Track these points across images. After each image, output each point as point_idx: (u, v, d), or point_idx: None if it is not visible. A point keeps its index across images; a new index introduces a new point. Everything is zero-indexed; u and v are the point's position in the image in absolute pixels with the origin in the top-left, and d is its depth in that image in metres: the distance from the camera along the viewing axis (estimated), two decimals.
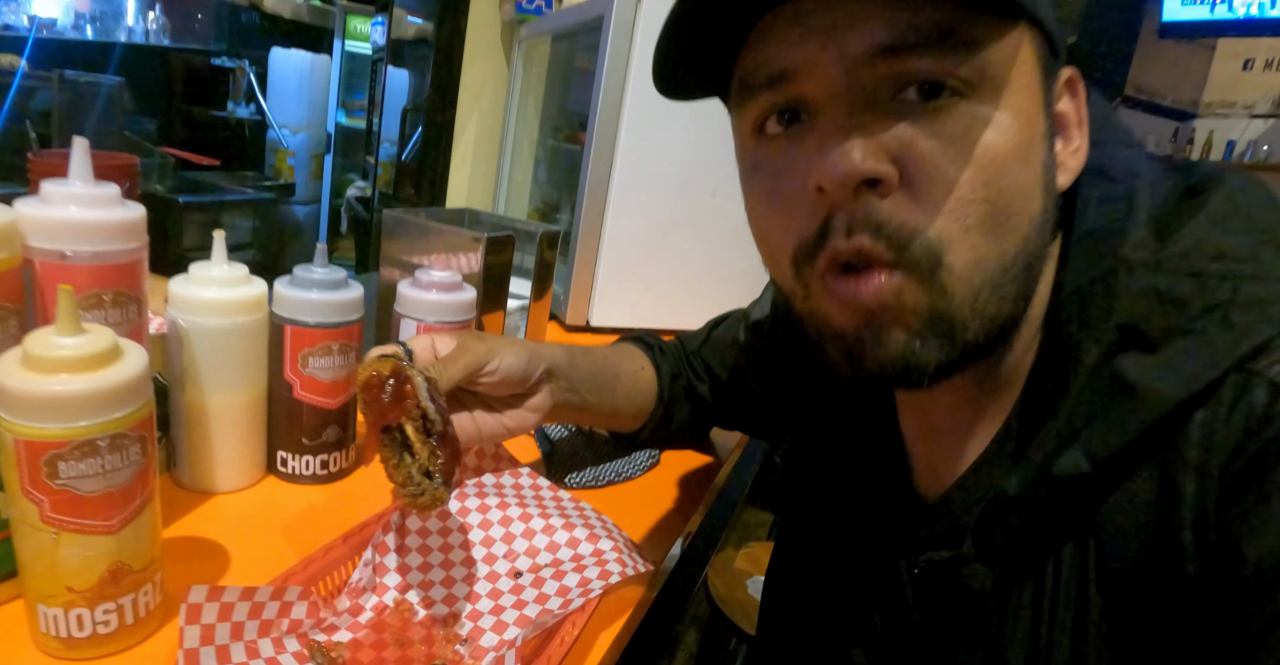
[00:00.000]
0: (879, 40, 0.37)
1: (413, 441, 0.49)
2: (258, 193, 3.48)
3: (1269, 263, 0.39)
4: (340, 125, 4.14)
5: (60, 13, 3.58)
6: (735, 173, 0.51)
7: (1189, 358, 0.37)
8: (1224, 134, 4.92)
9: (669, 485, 0.84)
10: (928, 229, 0.39)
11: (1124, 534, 0.39)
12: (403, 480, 0.50)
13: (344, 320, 0.69)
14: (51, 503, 0.44)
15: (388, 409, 0.49)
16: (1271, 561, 0.34)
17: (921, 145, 0.38)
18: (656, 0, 1.25)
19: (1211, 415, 0.37)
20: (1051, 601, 0.42)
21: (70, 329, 0.44)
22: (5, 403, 0.43)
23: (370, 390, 0.50)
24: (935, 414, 0.51)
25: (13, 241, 0.48)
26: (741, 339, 0.78)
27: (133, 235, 0.56)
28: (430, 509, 0.51)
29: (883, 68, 0.38)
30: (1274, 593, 0.34)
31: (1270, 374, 0.36)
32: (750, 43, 0.42)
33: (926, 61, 0.37)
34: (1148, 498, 0.38)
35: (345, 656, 0.51)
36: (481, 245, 0.86)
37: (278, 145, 4.00)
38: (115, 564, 0.47)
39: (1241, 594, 0.35)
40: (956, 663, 0.48)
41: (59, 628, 0.47)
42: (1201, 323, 0.38)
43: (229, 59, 4.00)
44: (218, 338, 0.64)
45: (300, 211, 3.99)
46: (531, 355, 0.63)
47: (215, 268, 0.65)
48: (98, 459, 0.44)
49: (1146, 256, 0.41)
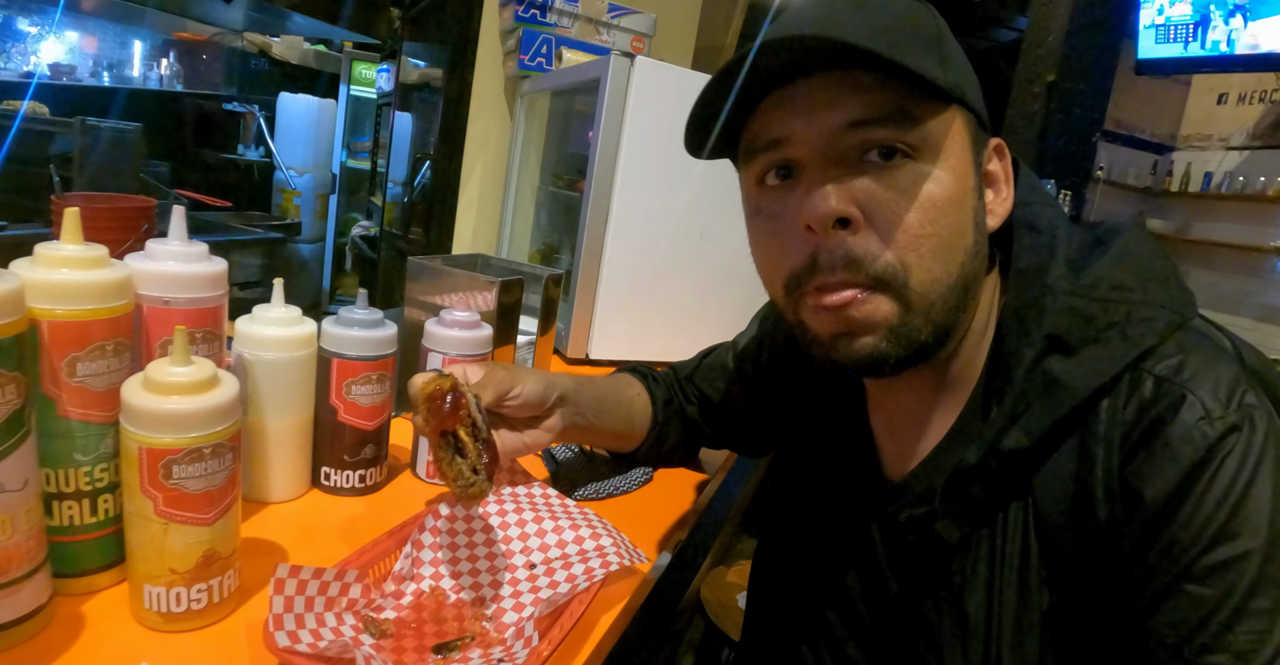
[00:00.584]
0: (849, 116, 0.51)
1: (465, 443, 0.62)
2: (265, 232, 3.61)
3: (1153, 293, 0.53)
4: (344, 166, 4.29)
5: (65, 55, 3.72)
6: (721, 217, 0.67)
7: (1097, 360, 0.51)
8: (1201, 166, 5.06)
9: (662, 498, 0.95)
10: (891, 257, 0.52)
11: (1053, 493, 0.52)
12: (455, 475, 0.62)
13: (381, 354, 0.80)
14: (164, 498, 0.55)
15: (446, 417, 0.62)
16: (1162, 498, 0.47)
17: (881, 194, 0.51)
18: (647, 65, 1.39)
19: (1114, 401, 0.51)
20: (1002, 553, 0.54)
21: (183, 360, 0.56)
22: (131, 417, 0.55)
23: (433, 401, 0.62)
24: (900, 412, 0.64)
25: (128, 291, 0.60)
26: (730, 365, 0.91)
27: (217, 285, 0.68)
28: (477, 499, 0.64)
29: (851, 137, 0.51)
30: (1167, 519, 0.47)
31: (1155, 371, 0.50)
32: (755, 117, 0.56)
33: (884, 131, 0.51)
34: (1070, 465, 0.52)
35: (392, 630, 0.62)
36: (495, 288, 0.98)
37: (284, 186, 4.14)
38: (209, 550, 0.58)
39: (1143, 525, 0.48)
40: (923, 611, 0.59)
41: (161, 604, 0.58)
42: (1106, 334, 0.51)
43: (239, 104, 4.17)
44: (275, 369, 0.76)
45: (306, 250, 4.12)
46: (548, 383, 0.75)
47: (274, 309, 0.76)
48: (202, 463, 0.56)
49: (1066, 286, 0.54)
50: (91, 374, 0.57)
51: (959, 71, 0.53)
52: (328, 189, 4.26)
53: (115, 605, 0.61)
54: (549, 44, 1.88)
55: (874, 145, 0.51)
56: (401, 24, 2.92)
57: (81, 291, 0.56)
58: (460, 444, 0.63)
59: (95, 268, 0.57)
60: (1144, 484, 0.48)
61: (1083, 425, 0.52)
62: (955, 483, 0.55)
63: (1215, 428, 0.47)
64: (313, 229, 4.16)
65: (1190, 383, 0.49)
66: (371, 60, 4.14)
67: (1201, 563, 0.46)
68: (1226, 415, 0.47)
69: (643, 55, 1.41)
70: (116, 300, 0.58)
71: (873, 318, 0.53)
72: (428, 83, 2.44)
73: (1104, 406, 0.51)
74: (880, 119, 0.51)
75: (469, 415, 0.63)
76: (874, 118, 0.51)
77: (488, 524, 0.72)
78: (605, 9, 1.93)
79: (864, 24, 0.49)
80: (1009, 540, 0.54)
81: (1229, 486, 0.46)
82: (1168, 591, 0.47)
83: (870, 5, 0.53)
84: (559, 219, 1.90)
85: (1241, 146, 4.94)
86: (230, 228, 3.46)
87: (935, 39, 0.52)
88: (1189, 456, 0.47)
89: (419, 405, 0.63)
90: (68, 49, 3.88)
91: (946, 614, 0.57)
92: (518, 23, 1.86)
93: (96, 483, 0.60)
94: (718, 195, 1.49)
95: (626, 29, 1.96)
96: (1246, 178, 4.77)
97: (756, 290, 0.63)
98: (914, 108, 0.51)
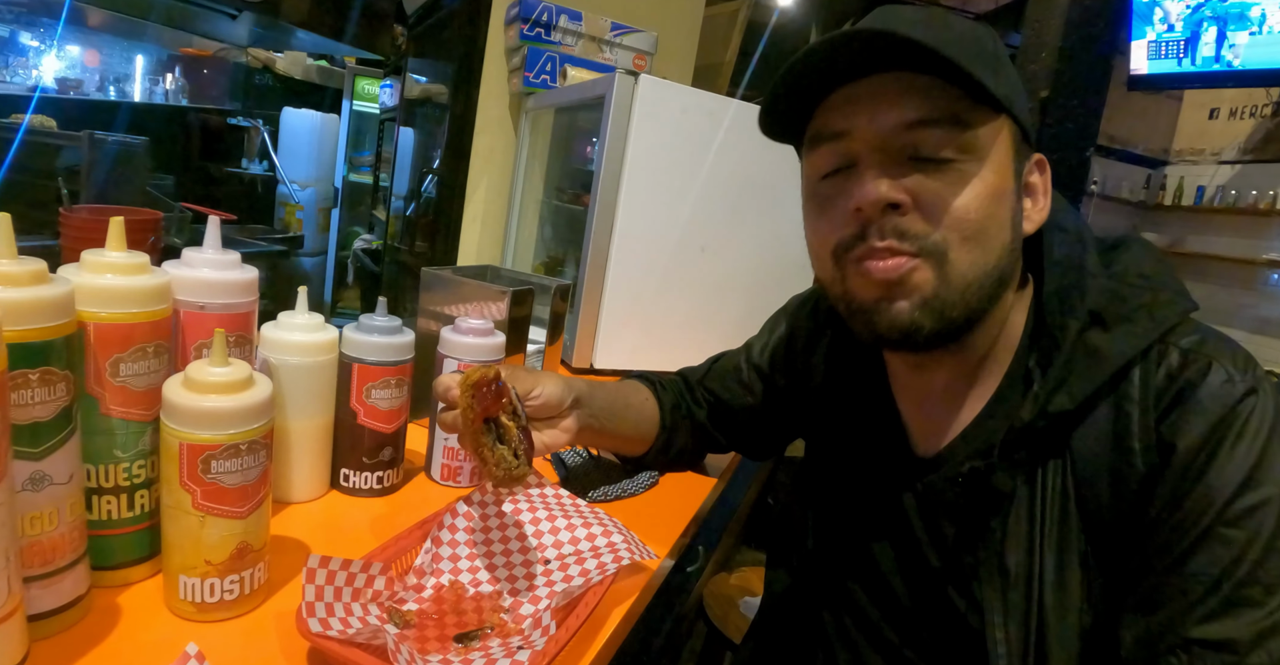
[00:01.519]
0: (908, 116, 0.57)
1: (508, 427, 0.67)
2: (268, 245, 3.64)
3: (1170, 284, 0.62)
4: (346, 180, 4.33)
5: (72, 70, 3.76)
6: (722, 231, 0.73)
7: (1130, 334, 0.58)
8: (1194, 180, 5.12)
9: (666, 501, 0.98)
10: (935, 235, 0.58)
11: (1090, 450, 0.59)
12: (498, 460, 0.66)
13: (400, 359, 0.84)
14: (202, 492, 0.58)
15: (491, 403, 0.66)
16: (1194, 449, 0.54)
17: (929, 185, 0.57)
18: (651, 83, 1.43)
19: (1145, 368, 0.58)
20: (1041, 506, 0.60)
21: (221, 361, 0.59)
22: (172, 414, 0.58)
23: (480, 387, 0.66)
24: (930, 392, 0.70)
25: (167, 296, 0.63)
26: (744, 367, 0.95)
27: (249, 291, 0.72)
28: (519, 482, 0.68)
29: (907, 135, 0.57)
30: (1200, 469, 0.54)
31: (1179, 344, 0.58)
32: (819, 111, 0.62)
33: (936, 133, 0.57)
34: (1106, 425, 0.59)
35: (415, 621, 0.65)
36: (507, 297, 1.01)
37: (287, 199, 4.16)
38: (242, 543, 0.61)
39: (1178, 474, 0.55)
40: (962, 568, 0.64)
41: (196, 594, 0.61)
42: (1135, 314, 0.59)
43: (244, 118, 4.21)
44: (299, 373, 0.79)
45: (308, 263, 4.15)
46: (566, 385, 0.78)
47: (299, 316, 0.80)
48: (239, 459, 0.59)
49: (1100, 272, 0.62)
50: (133, 374, 0.60)
51: (1011, 86, 0.58)
52: (330, 203, 4.29)
53: (150, 597, 0.64)
54: (553, 62, 1.92)
55: (927, 144, 0.57)
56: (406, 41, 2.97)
57: (126, 296, 0.59)
58: (502, 430, 0.66)
59: (138, 274, 0.60)
60: (1178, 437, 0.55)
61: (1117, 391, 0.59)
62: (1010, 439, 0.61)
63: (1238, 389, 0.55)
64: (315, 242, 4.19)
65: (1212, 353, 0.57)
66: (375, 76, 4.19)
67: (1233, 508, 0.53)
68: (1245, 380, 0.55)
69: (645, 73, 1.45)
70: (157, 305, 0.61)
71: (911, 282, 0.58)
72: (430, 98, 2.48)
73: (1136, 373, 0.58)
74: (936, 120, 0.56)
75: (510, 402, 0.67)
76: (931, 118, 0.56)
77: (504, 522, 0.75)
78: (608, 28, 1.97)
79: (932, 34, 0.54)
80: (1048, 494, 0.60)
81: (1252, 441, 0.53)
82: (1205, 534, 0.53)
83: (937, 22, 0.58)
84: (563, 232, 1.94)
85: (1233, 160, 5.00)
86: (234, 240, 3.49)
87: (993, 55, 0.58)
88: (1217, 412, 0.54)
89: (462, 393, 0.66)
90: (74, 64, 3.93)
91: (987, 567, 0.62)
92: (523, 41, 1.91)
93: (134, 479, 0.63)
94: (719, 210, 1.53)
95: (629, 47, 2.01)
96: (1238, 191, 4.82)
97: (756, 303, 0.69)
98: (967, 113, 0.57)
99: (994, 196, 0.58)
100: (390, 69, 3.76)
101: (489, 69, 2.05)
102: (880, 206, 0.57)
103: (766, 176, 1.54)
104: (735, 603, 1.56)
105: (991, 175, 0.58)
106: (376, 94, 4.21)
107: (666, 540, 0.87)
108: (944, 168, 0.57)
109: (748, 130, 1.52)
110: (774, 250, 1.61)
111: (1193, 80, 3.90)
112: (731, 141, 1.50)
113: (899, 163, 0.58)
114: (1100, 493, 0.58)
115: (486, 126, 2.06)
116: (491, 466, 0.66)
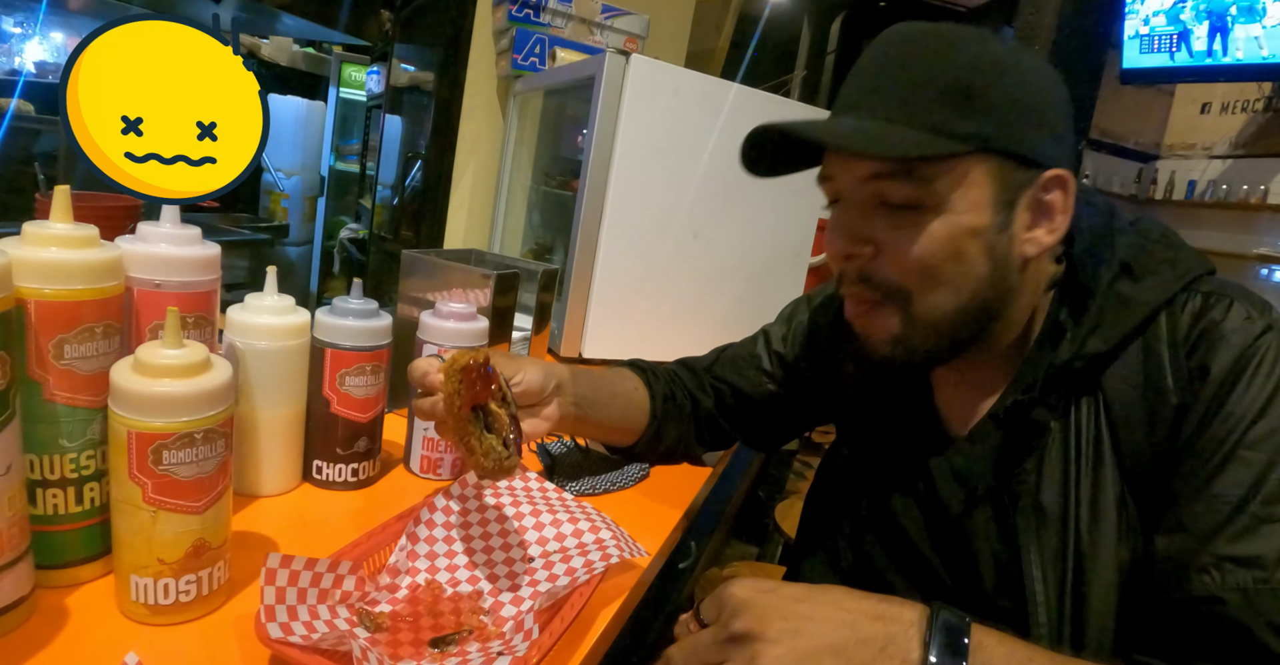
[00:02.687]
0: (867, 171, 0.61)
1: (497, 415, 0.62)
2: (253, 234, 3.58)
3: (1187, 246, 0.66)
4: (333, 169, 4.26)
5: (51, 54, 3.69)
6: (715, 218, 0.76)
7: (1157, 284, 0.62)
8: (1185, 174, 5.13)
9: (657, 495, 0.94)
10: (898, 280, 0.62)
11: (1123, 389, 0.62)
12: (487, 450, 0.61)
13: (376, 344, 0.79)
14: (154, 485, 0.54)
15: (480, 390, 0.62)
16: (1222, 375, 0.57)
17: (893, 233, 0.61)
18: (643, 63, 1.38)
19: (1171, 313, 0.61)
20: (1076, 445, 0.63)
21: (175, 343, 0.54)
22: (120, 401, 0.53)
23: (468, 372, 0.61)
24: (965, 379, 0.72)
25: (117, 273, 0.58)
26: (762, 354, 0.93)
27: (210, 269, 0.67)
28: (509, 474, 0.63)
29: (870, 185, 0.62)
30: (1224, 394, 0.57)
31: (1201, 290, 0.62)
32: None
33: (894, 185, 0.60)
34: (1137, 366, 0.62)
35: (387, 624, 0.60)
36: (491, 281, 0.97)
37: (272, 188, 4.10)
38: (199, 540, 0.56)
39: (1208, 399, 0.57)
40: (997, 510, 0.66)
41: (148, 595, 0.56)
42: (1161, 267, 0.63)
43: None
44: (267, 358, 0.74)
45: (293, 252, 4.09)
46: (547, 371, 0.74)
47: (267, 298, 0.75)
48: (193, 449, 0.54)
49: (1128, 229, 0.66)
50: (80, 357, 0.55)
51: (989, 118, 0.59)
52: (316, 191, 4.23)
53: (100, 598, 0.59)
54: (542, 44, 1.87)
55: (888, 194, 0.61)
56: (393, 26, 2.91)
57: (71, 271, 0.54)
58: (490, 418, 0.62)
59: (85, 247, 0.56)
60: (1211, 361, 0.58)
61: (1146, 333, 0.62)
62: (1050, 378, 0.63)
63: (1258, 325, 0.58)
64: (300, 231, 4.13)
65: (1233, 294, 0.61)
66: (361, 63, 4.12)
67: (1251, 433, 0.55)
68: (1264, 318, 0.59)
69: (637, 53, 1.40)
70: (106, 281, 0.56)
71: (880, 328, 0.65)
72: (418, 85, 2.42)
73: (1163, 318, 0.61)
74: (891, 173, 0.60)
75: (500, 388, 0.62)
76: (885, 172, 0.60)
77: (485, 517, 0.70)
78: (599, 9, 1.92)
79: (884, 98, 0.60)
80: (1083, 434, 0.63)
81: (1269, 372, 0.56)
82: (1228, 457, 0.56)
83: (909, 60, 0.60)
84: (551, 218, 1.89)
85: (1224, 155, 5.01)
86: (217, 229, 3.43)
87: (963, 91, 0.58)
88: (1239, 343, 0.57)
89: (448, 378, 0.62)
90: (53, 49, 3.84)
91: (1024, 507, 0.64)
92: (511, 22, 1.85)
93: (83, 470, 0.58)
94: (712, 196, 1.48)
95: (620, 30, 1.96)
96: (1229, 186, 4.82)
97: (749, 291, 0.67)
98: (920, 167, 0.59)
99: (960, 237, 0.60)
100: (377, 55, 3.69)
101: (476, 51, 2.00)
102: (840, 260, 0.65)
103: None
104: None
105: (959, 217, 0.60)
106: (363, 81, 4.14)
107: (658, 536, 0.83)
108: (906, 214, 0.61)
109: (743, 114, 1.48)
110: (768, 238, 1.57)
111: (1185, 74, 3.89)
112: (726, 125, 1.46)
113: (871, 207, 0.62)
114: (1135, 432, 0.60)
115: (473, 111, 2.01)
116: (479, 457, 0.62)
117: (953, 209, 0.60)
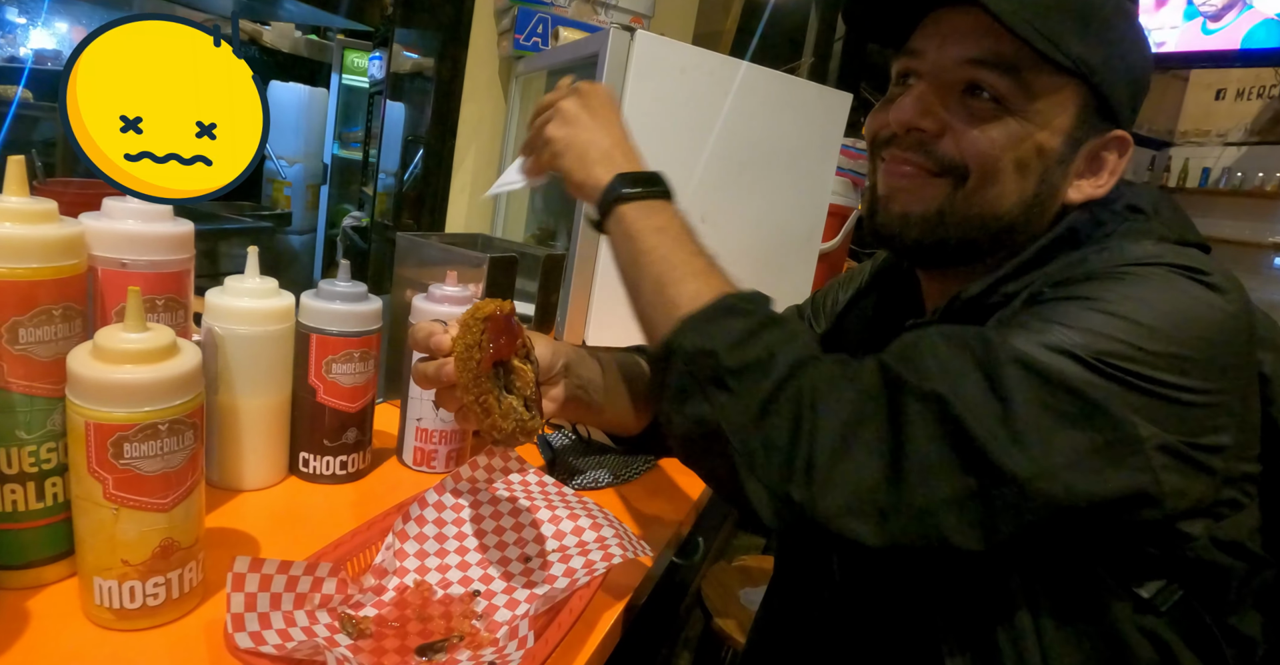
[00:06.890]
0: (969, 54, 0.59)
1: (521, 371, 0.57)
2: (255, 222, 3.54)
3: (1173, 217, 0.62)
4: (336, 157, 4.22)
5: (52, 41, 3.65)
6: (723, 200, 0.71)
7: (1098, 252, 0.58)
8: (1199, 162, 5.06)
9: (664, 488, 0.90)
10: (958, 156, 0.60)
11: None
12: (507, 411, 0.55)
13: (365, 329, 0.74)
14: (115, 481, 0.49)
15: (503, 345, 0.55)
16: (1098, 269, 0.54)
17: (965, 120, 0.59)
18: (648, 39, 1.33)
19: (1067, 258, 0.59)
20: None
21: (137, 326, 0.50)
22: (78, 389, 0.49)
23: (494, 321, 0.55)
24: None
25: (80, 251, 0.54)
26: None
27: (182, 247, 0.62)
28: (531, 437, 0.58)
29: (963, 70, 0.59)
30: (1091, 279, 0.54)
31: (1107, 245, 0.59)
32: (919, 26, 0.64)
33: (990, 75, 0.58)
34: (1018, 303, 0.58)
35: (371, 630, 0.56)
36: (485, 264, 0.92)
37: (275, 176, 4.06)
38: (167, 540, 0.52)
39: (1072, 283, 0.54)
40: None
41: (113, 599, 0.52)
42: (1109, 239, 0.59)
43: None
44: (249, 345, 0.70)
45: (296, 240, 4.04)
46: (555, 349, 0.69)
47: (248, 281, 0.70)
48: (158, 442, 0.50)
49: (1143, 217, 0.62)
50: (36, 341, 0.51)
51: (1099, 51, 0.57)
52: (319, 179, 4.18)
53: (66, 600, 0.55)
54: (545, 23, 1.81)
55: (980, 82, 0.59)
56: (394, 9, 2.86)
57: (24, 248, 0.50)
58: (512, 376, 0.56)
59: (41, 222, 0.51)
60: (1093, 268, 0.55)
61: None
62: (951, 308, 0.62)
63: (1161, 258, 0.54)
64: (304, 220, 4.09)
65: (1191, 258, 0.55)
66: (364, 49, 4.06)
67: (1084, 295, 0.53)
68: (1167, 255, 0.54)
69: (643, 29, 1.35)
70: (65, 259, 0.52)
71: (923, 200, 0.62)
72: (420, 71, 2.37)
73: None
74: (992, 63, 0.58)
75: (525, 344, 0.57)
76: (988, 60, 0.58)
77: (479, 514, 0.66)
78: None
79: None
80: None
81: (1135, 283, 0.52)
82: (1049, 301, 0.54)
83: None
84: (555, 203, 1.84)
85: (1239, 142, 4.94)
86: (219, 217, 3.39)
87: (1087, 15, 0.57)
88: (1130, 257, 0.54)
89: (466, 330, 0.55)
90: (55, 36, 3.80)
91: None
92: (513, 1, 1.80)
93: (44, 464, 0.54)
94: (720, 178, 1.43)
95: (625, 9, 1.90)
96: (1244, 174, 4.75)
97: (758, 276, 0.61)
98: (1025, 65, 0.57)
99: (1028, 148, 0.59)
100: (379, 41, 3.63)
101: (477, 32, 1.94)
102: (905, 128, 0.62)
103: (772, 143, 1.44)
104: (735, 594, 1.47)
105: (1034, 128, 0.59)
106: (366, 67, 4.08)
107: (664, 533, 0.79)
108: (989, 109, 0.59)
109: (753, 93, 1.42)
110: (778, 221, 1.51)
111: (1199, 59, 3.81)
112: (735, 105, 1.40)
113: (951, 92, 0.60)
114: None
115: (474, 93, 1.96)
116: (497, 419, 0.55)
117: (1034, 121, 0.59)
